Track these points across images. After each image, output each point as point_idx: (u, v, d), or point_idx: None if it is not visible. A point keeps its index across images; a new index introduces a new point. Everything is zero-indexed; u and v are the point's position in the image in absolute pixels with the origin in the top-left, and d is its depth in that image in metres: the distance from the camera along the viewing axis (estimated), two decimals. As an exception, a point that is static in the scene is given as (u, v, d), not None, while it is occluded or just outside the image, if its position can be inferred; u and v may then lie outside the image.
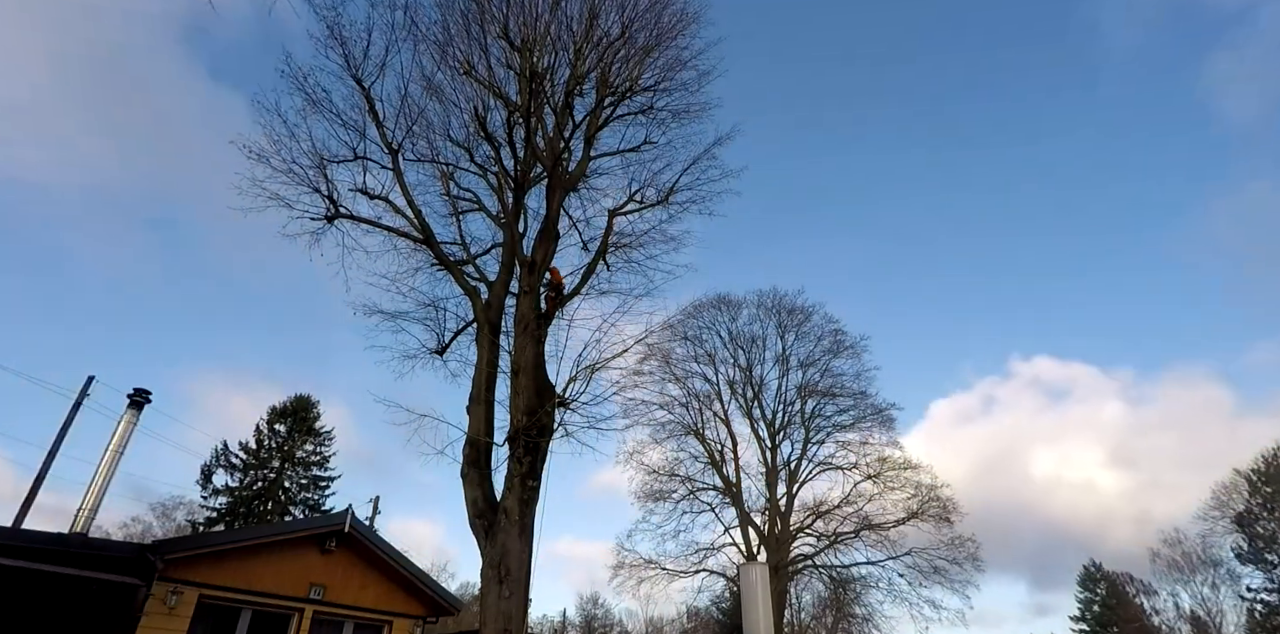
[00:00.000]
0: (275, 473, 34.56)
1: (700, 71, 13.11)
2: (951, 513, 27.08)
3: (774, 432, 29.73)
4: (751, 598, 8.03)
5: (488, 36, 11.13)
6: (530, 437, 8.70)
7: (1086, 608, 47.98)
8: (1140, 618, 43.73)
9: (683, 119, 13.03)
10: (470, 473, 8.99)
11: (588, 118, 12.17)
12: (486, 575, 8.09)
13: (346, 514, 12.57)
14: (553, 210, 11.02)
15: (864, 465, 28.48)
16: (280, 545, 11.81)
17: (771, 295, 32.08)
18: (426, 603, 13.80)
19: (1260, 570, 39.03)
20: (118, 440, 16.32)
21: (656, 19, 12.29)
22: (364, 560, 12.98)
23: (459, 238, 12.21)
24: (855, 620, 27.39)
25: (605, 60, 12.02)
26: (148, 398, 17.71)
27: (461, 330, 12.01)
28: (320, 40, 10.43)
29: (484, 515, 8.52)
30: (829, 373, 30.66)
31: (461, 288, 11.03)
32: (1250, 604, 39.54)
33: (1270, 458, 40.42)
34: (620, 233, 12.56)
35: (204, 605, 10.49)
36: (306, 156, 10.77)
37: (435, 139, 11.88)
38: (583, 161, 12.17)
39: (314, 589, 11.95)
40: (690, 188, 12.97)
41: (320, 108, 10.72)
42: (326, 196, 11.08)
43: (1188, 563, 42.27)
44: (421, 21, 11.19)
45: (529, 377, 9.23)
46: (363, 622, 12.81)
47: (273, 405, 36.58)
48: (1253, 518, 39.64)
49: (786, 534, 27.40)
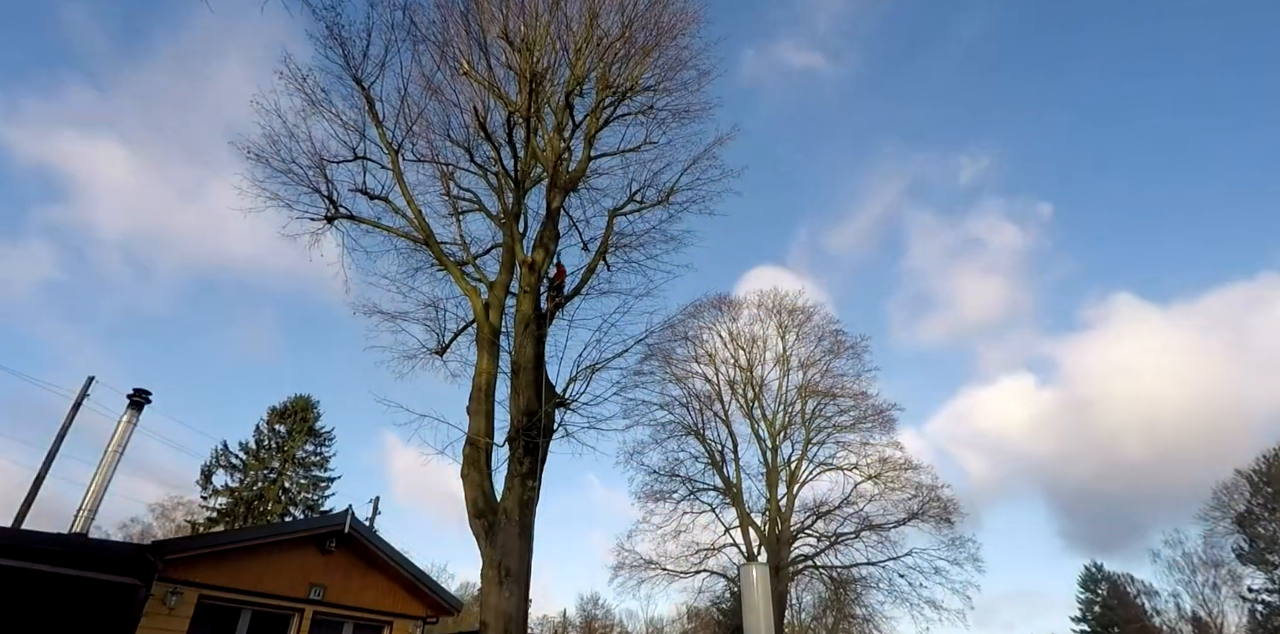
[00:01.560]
0: (275, 473, 34.57)
1: (700, 71, 13.13)
2: (952, 513, 27.09)
3: (774, 432, 29.70)
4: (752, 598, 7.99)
5: (487, 36, 11.12)
6: (530, 437, 8.69)
7: (1087, 608, 47.95)
8: (1141, 619, 43.67)
9: (683, 119, 13.06)
10: (470, 473, 8.97)
11: (588, 118, 12.16)
12: (487, 576, 8.08)
13: (346, 514, 12.56)
14: (553, 210, 11.01)
15: (864, 466, 28.48)
16: (280, 546, 11.80)
17: (772, 295, 32.09)
18: (427, 603, 13.80)
19: (1261, 571, 39.00)
20: (117, 441, 16.31)
21: (656, 19, 12.27)
22: (364, 561, 12.98)
23: (459, 238, 12.21)
24: (856, 621, 27.34)
25: (605, 60, 12.01)
26: (147, 398, 17.71)
27: (461, 331, 12.01)
28: (319, 40, 10.44)
29: (484, 516, 8.50)
30: (829, 373, 30.65)
31: (461, 288, 11.02)
32: (1251, 605, 39.51)
33: (1271, 458, 40.39)
34: (620, 233, 12.57)
35: (204, 606, 10.48)
36: (306, 157, 10.79)
37: (435, 139, 11.90)
38: (583, 161, 12.16)
39: (314, 589, 11.94)
40: (690, 188, 13.00)
41: (320, 108, 10.74)
42: (326, 197, 11.08)
43: (1189, 563, 42.27)
44: (421, 21, 11.19)
45: (529, 377, 9.22)
46: (363, 622, 12.80)
47: (273, 406, 36.67)
48: (1254, 518, 39.61)
49: (787, 535, 27.37)
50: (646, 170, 12.88)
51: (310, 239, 11.36)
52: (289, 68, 10.44)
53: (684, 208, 12.99)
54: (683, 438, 30.22)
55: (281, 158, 10.65)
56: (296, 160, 10.71)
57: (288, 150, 10.64)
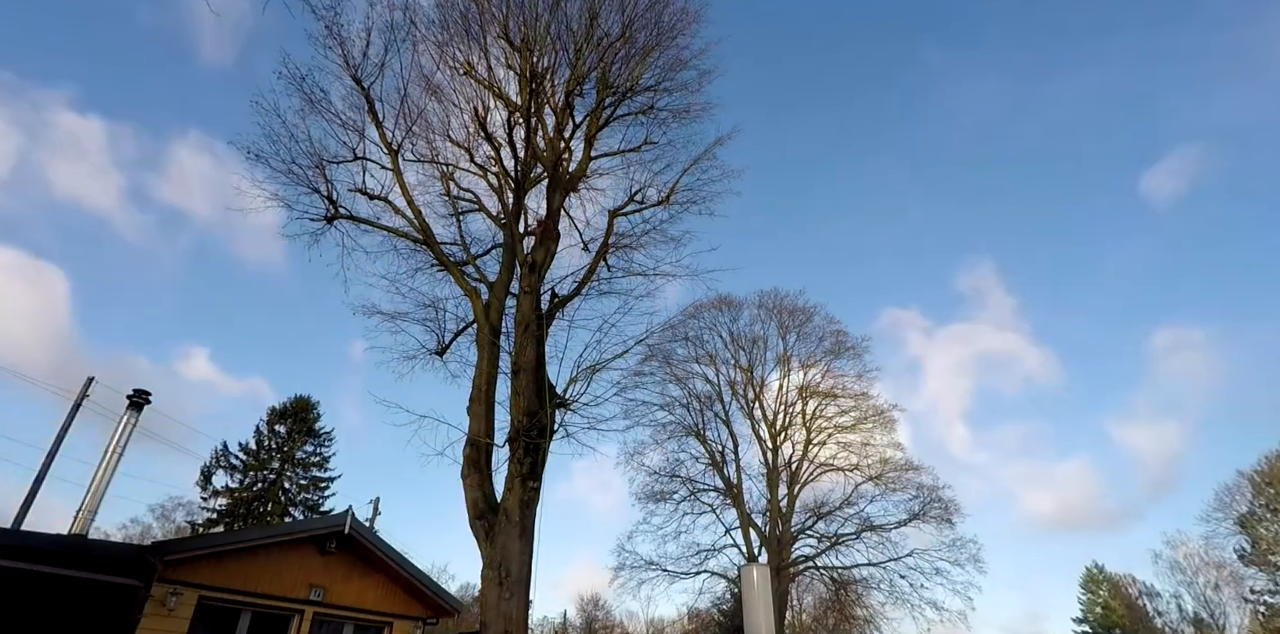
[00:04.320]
0: (275, 474, 34.57)
1: (701, 71, 13.10)
2: (953, 514, 27.09)
3: (775, 433, 29.68)
4: (752, 599, 7.98)
5: (487, 36, 11.10)
6: (531, 438, 8.66)
7: (1089, 610, 47.88)
8: (1143, 620, 43.61)
9: (683, 119, 13.03)
10: (471, 474, 8.95)
11: (588, 118, 12.15)
12: (487, 577, 8.06)
13: (347, 515, 12.54)
14: (553, 210, 11.00)
15: (865, 467, 28.47)
16: (280, 546, 11.78)
17: (773, 296, 32.09)
18: (427, 604, 13.77)
19: (1264, 572, 38.91)
20: (117, 441, 16.29)
21: (657, 18, 12.26)
22: (364, 562, 12.96)
23: (459, 238, 12.19)
24: (857, 622, 27.30)
25: (605, 60, 11.99)
26: (147, 399, 17.67)
27: (462, 331, 11.99)
28: (319, 40, 10.42)
29: (484, 517, 8.48)
30: (830, 373, 30.67)
31: (461, 288, 11.00)
32: (1254, 606, 39.43)
33: (1274, 459, 40.30)
34: (621, 233, 12.55)
35: (204, 607, 10.46)
36: (306, 157, 10.78)
37: (435, 139, 11.88)
38: (583, 162, 12.15)
39: (314, 590, 11.92)
40: (691, 188, 12.97)
41: (319, 108, 10.71)
42: (326, 197, 11.07)
43: (1191, 565, 42.20)
44: (421, 21, 11.19)
45: (529, 377, 9.20)
46: (363, 623, 12.78)
47: (272, 406, 36.69)
48: (1256, 519, 39.53)
49: (788, 535, 27.35)
50: (647, 170, 12.89)
51: (310, 239, 11.36)
52: (288, 67, 10.44)
53: (685, 208, 12.98)
54: (683, 439, 30.26)
55: (281, 158, 10.65)
56: (296, 160, 10.71)
57: (288, 150, 10.63)
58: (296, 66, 10.43)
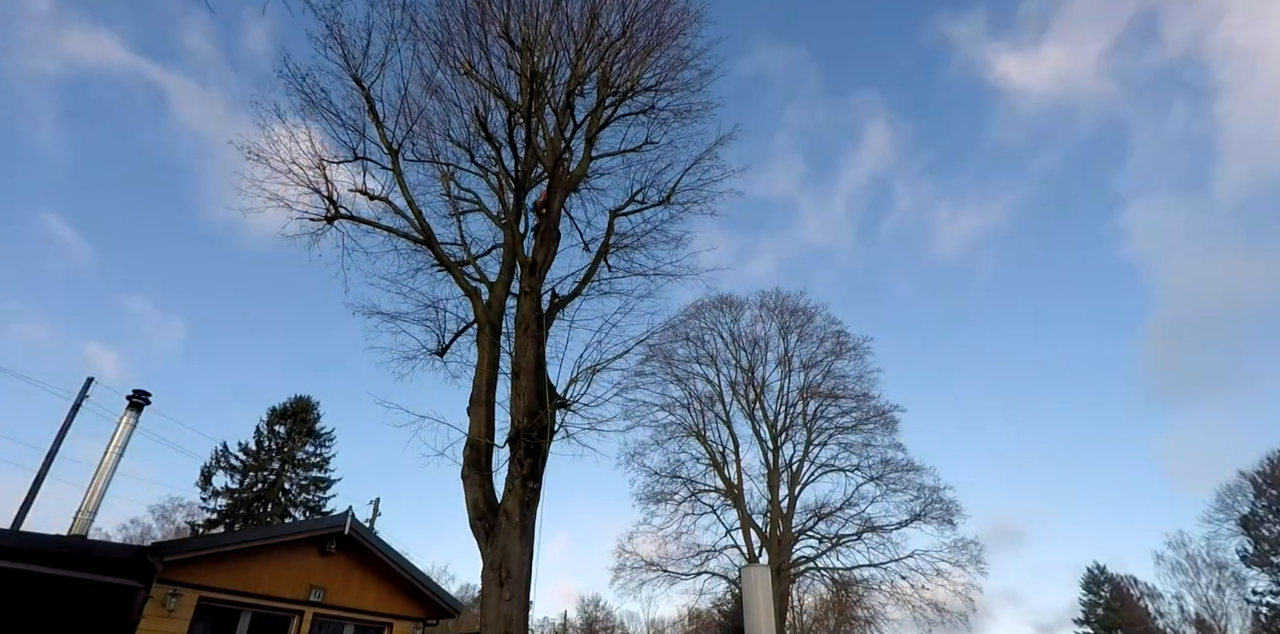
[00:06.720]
0: (275, 474, 34.57)
1: (702, 71, 13.07)
2: (954, 515, 27.04)
3: (776, 433, 29.65)
4: (753, 600, 7.95)
5: (488, 36, 11.09)
6: (531, 438, 8.63)
7: (1090, 611, 47.82)
8: (1145, 621, 43.54)
9: (684, 119, 12.99)
10: (471, 475, 8.93)
11: (589, 118, 12.12)
12: (487, 578, 8.03)
13: (347, 516, 12.51)
14: (554, 210, 10.98)
15: (866, 467, 28.44)
16: (280, 547, 11.76)
17: (774, 296, 32.11)
18: (427, 605, 13.75)
19: (1266, 573, 38.90)
20: (117, 442, 16.26)
21: (658, 18, 12.24)
22: (364, 562, 12.93)
23: (459, 238, 12.17)
24: (858, 623, 27.26)
25: (606, 60, 11.97)
26: (147, 399, 17.64)
27: (462, 331, 11.96)
28: (319, 40, 10.41)
29: (484, 517, 8.46)
30: (831, 374, 30.62)
31: (462, 288, 10.98)
32: (1256, 607, 39.39)
33: (1275, 460, 40.28)
34: (621, 233, 12.53)
35: (203, 607, 10.44)
36: (306, 157, 10.75)
37: (435, 139, 11.86)
38: (584, 162, 12.13)
39: (314, 591, 11.89)
40: (692, 188, 12.95)
41: (319, 108, 10.68)
42: (326, 197, 11.04)
43: (1193, 566, 42.14)
44: (421, 21, 11.17)
45: (530, 378, 9.17)
46: (363, 624, 12.75)
47: (272, 406, 36.66)
48: (1258, 520, 39.51)
49: (788, 536, 27.31)
50: (647, 170, 12.86)
51: (310, 239, 11.33)
52: (288, 67, 10.42)
53: (686, 208, 12.97)
54: (684, 439, 30.24)
55: (281, 158, 10.63)
56: (297, 160, 10.68)
57: (288, 150, 10.61)
58: (296, 66, 10.43)
